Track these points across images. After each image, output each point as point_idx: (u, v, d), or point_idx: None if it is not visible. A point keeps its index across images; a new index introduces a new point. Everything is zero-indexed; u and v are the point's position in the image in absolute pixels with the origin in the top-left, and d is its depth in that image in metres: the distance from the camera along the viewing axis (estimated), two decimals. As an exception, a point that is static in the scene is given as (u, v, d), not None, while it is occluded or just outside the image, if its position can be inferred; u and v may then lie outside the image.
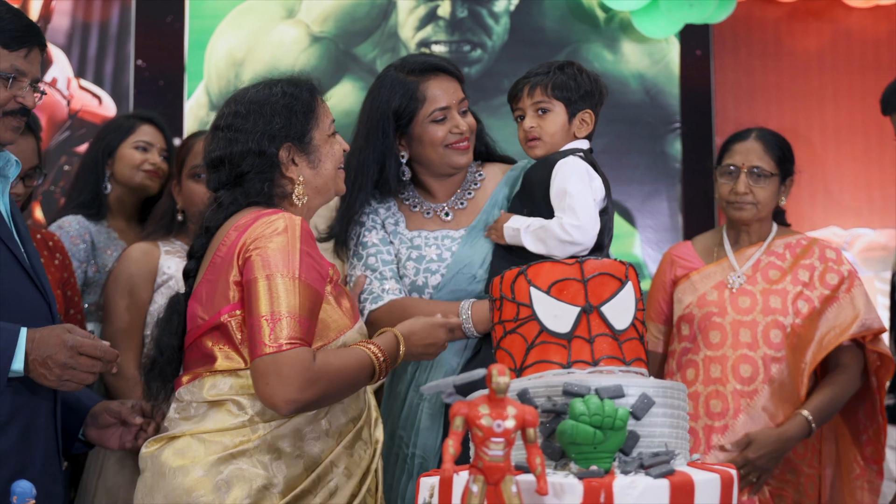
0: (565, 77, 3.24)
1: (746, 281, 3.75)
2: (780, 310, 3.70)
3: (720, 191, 3.81)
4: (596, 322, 2.43)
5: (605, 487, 2.10)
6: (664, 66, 5.65)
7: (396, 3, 5.62)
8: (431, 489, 2.25)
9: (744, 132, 3.88)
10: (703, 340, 3.73)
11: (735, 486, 2.29)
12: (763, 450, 3.59)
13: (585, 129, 3.24)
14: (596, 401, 2.18)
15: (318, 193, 2.99)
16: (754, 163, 3.75)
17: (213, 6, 5.62)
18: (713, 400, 3.67)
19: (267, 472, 2.74)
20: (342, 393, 2.81)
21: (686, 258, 3.88)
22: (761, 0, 5.77)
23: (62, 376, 2.71)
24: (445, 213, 3.44)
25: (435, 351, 3.06)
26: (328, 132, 2.99)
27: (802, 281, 3.74)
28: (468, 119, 3.41)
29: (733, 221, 3.82)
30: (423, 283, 3.34)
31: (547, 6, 5.64)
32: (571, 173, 3.12)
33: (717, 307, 3.73)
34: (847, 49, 5.78)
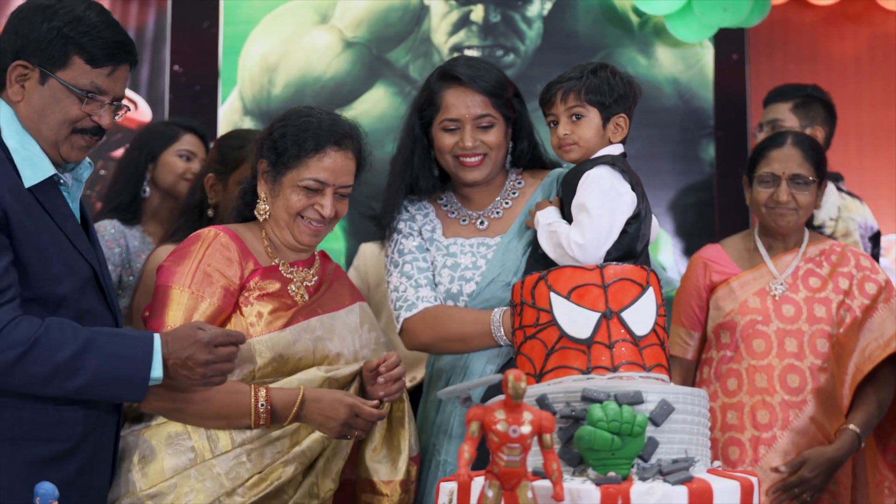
0: (599, 81, 3.14)
1: (788, 289, 3.67)
2: (825, 319, 3.64)
3: (757, 197, 3.71)
4: (616, 328, 2.42)
5: (622, 494, 2.09)
6: (698, 71, 5.62)
7: (430, 8, 5.62)
8: (450, 494, 2.26)
9: (778, 137, 3.80)
10: (747, 349, 3.63)
11: (756, 493, 2.28)
12: (818, 468, 3.51)
13: (620, 133, 3.16)
14: (614, 407, 2.18)
15: (275, 223, 3.13)
16: (794, 170, 3.67)
17: (248, 12, 5.64)
18: (760, 410, 3.58)
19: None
20: (210, 419, 2.97)
21: (721, 263, 3.79)
22: (797, 3, 5.73)
23: (206, 374, 2.70)
24: (481, 222, 3.42)
25: (335, 427, 3.00)
26: (302, 183, 3.06)
27: (843, 289, 3.68)
28: (487, 135, 3.33)
29: (771, 228, 3.73)
30: (458, 290, 3.33)
31: (580, 11, 5.62)
32: (594, 188, 3.03)
33: (761, 315, 3.64)
34: (884, 53, 5.73)
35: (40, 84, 2.68)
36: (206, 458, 2.96)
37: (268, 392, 2.96)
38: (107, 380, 2.63)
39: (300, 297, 3.14)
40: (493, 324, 3.19)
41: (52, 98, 2.69)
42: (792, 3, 5.71)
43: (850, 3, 5.75)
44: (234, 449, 2.98)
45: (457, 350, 3.31)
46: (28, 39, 2.67)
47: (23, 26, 2.67)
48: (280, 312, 3.08)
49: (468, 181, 3.37)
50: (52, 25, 2.66)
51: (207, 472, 2.96)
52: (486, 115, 3.34)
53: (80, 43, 2.67)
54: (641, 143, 5.44)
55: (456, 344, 3.30)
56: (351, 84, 5.57)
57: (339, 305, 3.22)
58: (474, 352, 3.28)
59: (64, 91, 2.68)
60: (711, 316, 3.73)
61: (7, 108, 2.70)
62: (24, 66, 2.68)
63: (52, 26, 2.66)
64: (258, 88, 5.59)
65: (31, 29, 2.66)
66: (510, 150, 3.43)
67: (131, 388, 2.67)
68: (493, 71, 3.42)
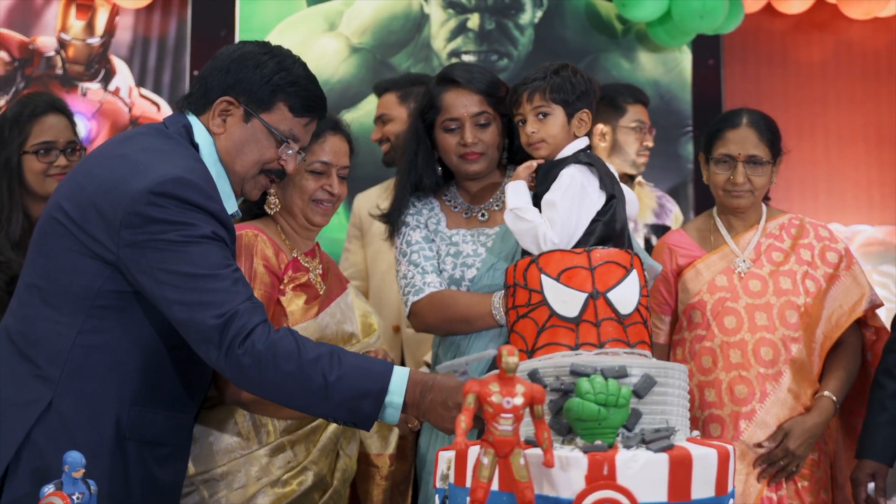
0: (561, 80, 3.09)
1: (753, 265, 3.54)
2: (791, 290, 3.51)
3: (715, 179, 3.56)
4: (602, 307, 2.40)
5: (608, 461, 2.07)
6: (677, 74, 5.60)
7: (429, 17, 5.60)
8: (449, 462, 2.24)
9: (733, 117, 3.60)
10: (718, 326, 3.50)
11: (732, 460, 2.26)
12: (801, 438, 3.40)
13: (584, 127, 3.10)
14: (601, 380, 2.15)
15: (289, 215, 3.10)
16: (750, 151, 3.51)
17: (262, 21, 5.62)
18: (738, 385, 3.45)
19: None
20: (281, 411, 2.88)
21: (685, 247, 3.64)
22: (768, 12, 5.72)
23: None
24: (482, 215, 3.41)
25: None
26: (309, 167, 3.05)
27: (806, 260, 3.56)
28: (484, 133, 3.33)
29: (729, 208, 3.60)
30: (461, 276, 3.32)
31: (568, 19, 5.61)
32: (566, 188, 2.97)
33: (729, 292, 3.51)
34: (848, 59, 5.71)
35: (244, 122, 2.64)
36: (253, 446, 2.94)
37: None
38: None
39: (319, 285, 3.13)
40: (494, 306, 3.18)
41: (252, 137, 2.65)
42: (764, 12, 5.69)
43: (816, 12, 5.73)
44: (278, 439, 2.96)
45: (461, 331, 3.30)
46: (238, 79, 2.63)
47: (235, 66, 2.64)
48: (312, 302, 3.07)
49: (470, 173, 3.36)
50: (265, 72, 2.62)
51: (256, 461, 2.93)
52: (483, 112, 3.33)
53: (287, 92, 2.63)
54: (625, 141, 5.44)
55: (460, 325, 3.29)
56: (357, 87, 5.56)
57: (342, 289, 3.23)
58: (476, 332, 3.28)
59: (265, 132, 2.65)
60: (681, 298, 3.59)
61: (208, 137, 2.66)
62: (231, 102, 2.63)
63: (264, 73, 2.62)
64: (271, 91, 5.56)
65: (243, 70, 2.63)
66: (506, 147, 3.42)
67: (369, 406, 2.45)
68: (487, 73, 3.41)
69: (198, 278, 2.42)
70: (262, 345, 2.40)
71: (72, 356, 2.49)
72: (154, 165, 2.49)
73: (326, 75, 5.56)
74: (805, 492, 3.46)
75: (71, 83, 5.67)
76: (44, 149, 3.43)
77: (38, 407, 2.48)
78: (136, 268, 2.46)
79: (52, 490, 2.22)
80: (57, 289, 2.52)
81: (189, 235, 2.44)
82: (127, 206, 2.44)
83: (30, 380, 2.50)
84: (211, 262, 2.45)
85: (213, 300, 2.42)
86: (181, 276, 2.42)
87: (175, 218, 2.44)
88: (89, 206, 2.50)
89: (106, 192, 2.48)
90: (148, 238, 2.43)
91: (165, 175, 2.45)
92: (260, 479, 2.93)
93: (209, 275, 2.43)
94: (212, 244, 2.47)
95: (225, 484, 2.91)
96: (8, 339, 2.57)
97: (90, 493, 2.24)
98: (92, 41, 5.66)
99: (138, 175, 2.47)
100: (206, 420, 2.94)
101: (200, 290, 2.42)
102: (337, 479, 3.06)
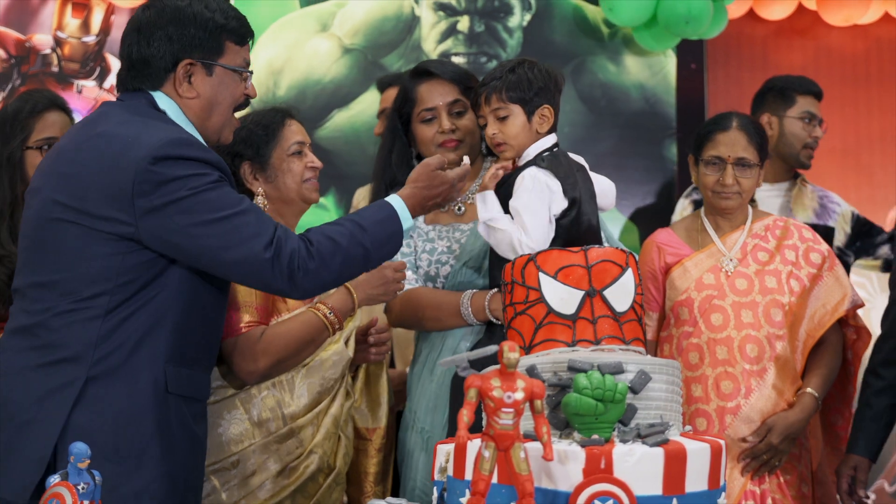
0: (517, 78, 3.03)
1: (739, 264, 3.54)
2: (776, 289, 3.52)
3: (704, 181, 3.56)
4: (598, 305, 2.40)
5: (605, 454, 2.08)
6: (662, 78, 5.61)
7: (420, 19, 5.59)
8: (447, 455, 2.24)
9: (723, 120, 3.62)
10: (705, 323, 3.50)
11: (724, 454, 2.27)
12: (784, 433, 3.42)
13: (546, 123, 3.05)
14: (598, 376, 2.16)
15: (284, 203, 3.16)
16: (740, 154, 3.52)
17: (255, 21, 5.48)
18: (724, 381, 3.45)
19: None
20: (301, 353, 3.01)
21: (673, 245, 3.64)
22: (751, 18, 5.73)
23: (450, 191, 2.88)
24: (458, 208, 3.40)
25: (386, 290, 3.12)
26: (289, 151, 3.14)
27: (790, 261, 3.58)
28: (461, 121, 3.33)
29: (717, 209, 3.60)
30: (436, 273, 3.32)
31: (556, 22, 5.61)
32: (526, 190, 2.95)
33: (716, 290, 3.51)
34: (828, 64, 5.73)
35: (207, 75, 2.65)
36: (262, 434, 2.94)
37: (324, 304, 3.04)
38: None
39: None
40: (462, 305, 3.17)
41: (220, 84, 2.67)
42: (746, 17, 5.71)
43: (797, 18, 5.75)
44: (286, 425, 2.97)
45: (433, 328, 3.30)
46: (184, 40, 2.62)
47: (174, 30, 2.62)
48: None
49: (451, 161, 3.32)
50: (202, 22, 2.63)
51: (265, 449, 2.94)
52: (458, 100, 3.34)
53: (228, 30, 2.66)
54: (611, 143, 5.45)
55: (431, 322, 3.29)
56: (349, 87, 5.54)
57: None
58: (450, 329, 3.26)
59: (229, 74, 2.68)
60: (668, 296, 3.59)
61: (172, 103, 2.66)
62: (191, 63, 2.63)
63: (202, 23, 2.62)
64: (264, 90, 5.54)
65: (184, 29, 2.62)
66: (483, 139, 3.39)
67: (397, 243, 2.73)
68: (457, 66, 3.46)
69: (229, 219, 2.49)
70: (312, 259, 2.54)
71: (101, 335, 2.50)
72: (144, 134, 2.52)
73: (319, 75, 5.54)
74: (787, 485, 3.48)
75: (67, 80, 5.63)
76: (47, 144, 3.41)
77: (75, 388, 2.48)
78: (163, 232, 2.48)
79: (57, 480, 2.21)
80: (74, 279, 2.52)
81: (200, 185, 2.49)
82: (134, 177, 2.46)
83: (60, 365, 2.50)
84: (232, 201, 2.52)
85: (254, 232, 2.50)
86: (213, 222, 2.48)
87: (183, 173, 2.48)
88: (90, 190, 2.51)
89: (105, 171, 2.49)
90: (165, 200, 2.47)
91: (161, 139, 2.49)
92: (270, 468, 2.93)
93: (236, 212, 2.51)
94: (224, 186, 2.53)
95: (236, 473, 2.92)
96: (26, 336, 2.56)
97: (94, 483, 2.24)
98: (87, 39, 5.63)
99: (134, 146, 2.49)
100: (215, 412, 2.94)
101: (236, 227, 2.49)
102: (339, 460, 3.08)
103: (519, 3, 5.59)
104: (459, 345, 3.24)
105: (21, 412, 2.51)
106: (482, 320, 3.17)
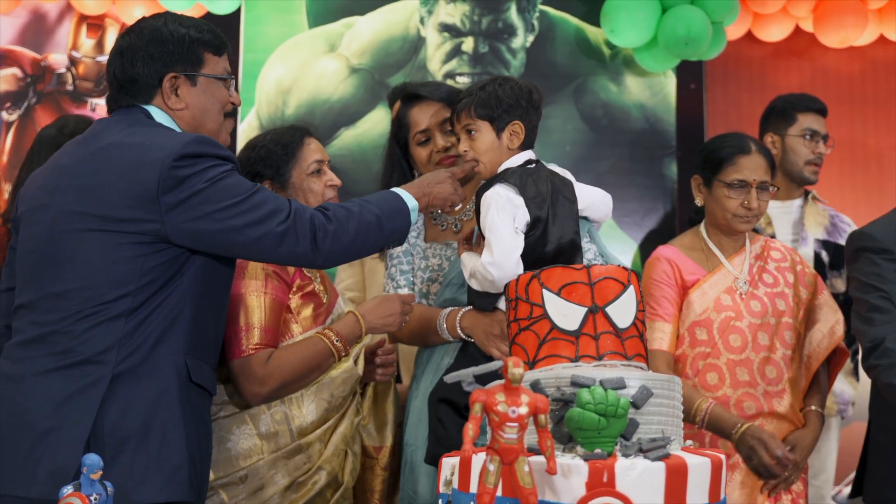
0: (486, 95, 2.97)
1: (750, 286, 3.50)
2: (786, 311, 3.50)
3: (726, 204, 3.49)
4: (601, 321, 2.39)
5: (607, 468, 2.07)
6: (662, 98, 5.62)
7: (426, 40, 5.60)
8: (452, 468, 2.23)
9: (741, 143, 3.55)
10: (724, 344, 3.45)
11: (724, 469, 2.26)
12: (805, 451, 3.43)
13: (517, 139, 2.97)
14: (600, 391, 2.15)
15: None
16: (763, 178, 3.48)
17: (265, 41, 5.62)
18: (746, 402, 3.43)
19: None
20: (306, 378, 3.00)
21: (686, 265, 3.56)
22: (749, 40, 5.74)
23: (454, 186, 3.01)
24: (455, 226, 3.39)
25: (394, 320, 3.11)
26: (309, 170, 3.13)
27: (790, 283, 3.56)
28: (454, 138, 3.26)
29: (732, 232, 3.55)
30: (427, 290, 3.32)
31: (559, 43, 5.62)
32: (487, 208, 2.90)
33: (733, 311, 3.46)
34: (824, 84, 5.74)
35: (192, 86, 2.73)
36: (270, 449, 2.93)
37: (332, 330, 3.04)
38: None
39: (322, 294, 3.14)
40: (438, 322, 3.15)
41: (206, 92, 2.75)
42: (744, 39, 5.72)
43: (795, 40, 5.76)
44: (294, 441, 2.96)
45: (419, 344, 3.30)
46: (165, 57, 2.71)
47: (155, 49, 2.71)
48: (318, 310, 3.10)
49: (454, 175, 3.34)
50: (179, 38, 2.72)
51: (274, 464, 2.93)
52: (448, 119, 3.30)
53: (204, 42, 2.75)
54: (612, 161, 5.46)
55: (416, 338, 3.29)
56: (355, 106, 5.56)
57: (335, 295, 3.24)
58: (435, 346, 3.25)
59: (213, 82, 2.76)
60: (685, 315, 3.53)
61: (166, 116, 2.74)
62: (175, 76, 2.72)
63: (179, 39, 2.72)
64: (273, 109, 5.56)
65: (163, 47, 2.71)
66: None
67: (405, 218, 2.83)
68: (445, 85, 3.45)
69: (247, 199, 2.60)
70: (330, 222, 2.66)
71: (125, 334, 2.54)
72: (159, 140, 2.61)
73: (326, 94, 5.55)
74: (798, 499, 3.49)
75: (81, 99, 5.65)
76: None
77: (102, 386, 2.51)
78: (189, 220, 2.56)
79: (70, 491, 2.21)
80: (96, 285, 2.56)
81: (216, 175, 2.59)
82: (159, 175, 2.55)
83: (84, 367, 2.53)
84: (247, 185, 2.63)
85: (273, 207, 2.62)
86: (235, 205, 2.59)
87: (201, 167, 2.58)
88: (112, 195, 2.57)
89: (125, 176, 2.57)
90: (189, 193, 2.56)
91: (180, 140, 2.59)
92: (278, 482, 2.92)
93: (253, 192, 2.62)
94: (235, 174, 2.64)
95: (244, 487, 2.90)
96: (41, 344, 2.57)
97: (107, 494, 2.24)
98: (102, 59, 5.64)
99: (153, 150, 2.58)
100: (224, 426, 2.93)
101: (256, 205, 2.60)
102: (347, 476, 3.07)
103: (522, 25, 5.61)
104: (442, 361, 3.22)
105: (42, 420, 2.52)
106: (456, 338, 3.14)
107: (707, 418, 3.39)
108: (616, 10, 5.23)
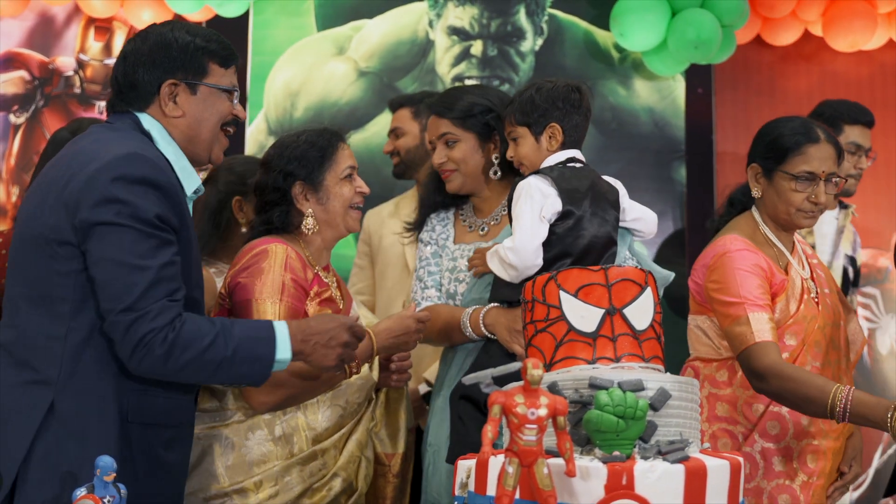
0: (522, 103, 3.13)
1: (816, 286, 3.25)
2: (843, 314, 3.30)
3: (791, 198, 3.14)
4: (618, 323, 2.38)
5: (626, 471, 2.06)
6: (671, 101, 5.61)
7: (434, 43, 5.60)
8: (468, 470, 2.22)
9: (810, 131, 3.17)
10: (810, 351, 3.16)
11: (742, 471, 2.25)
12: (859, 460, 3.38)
13: (556, 141, 3.11)
14: (619, 393, 2.14)
15: (328, 226, 3.13)
16: (832, 169, 3.13)
17: (273, 44, 5.61)
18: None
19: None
20: (315, 391, 2.97)
21: (770, 265, 3.19)
22: (758, 44, 5.72)
23: (342, 354, 2.64)
24: (483, 229, 3.42)
25: (407, 340, 3.09)
26: (342, 175, 3.11)
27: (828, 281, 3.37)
28: (452, 151, 3.38)
29: (795, 227, 3.23)
30: (454, 290, 3.34)
31: (567, 46, 5.61)
32: (518, 196, 3.03)
33: (814, 314, 3.19)
34: (833, 88, 5.71)
35: (192, 95, 2.68)
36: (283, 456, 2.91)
37: None
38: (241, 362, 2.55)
39: (339, 299, 3.13)
40: (462, 321, 3.18)
41: (205, 102, 2.70)
42: (753, 43, 5.70)
43: (804, 44, 5.74)
44: (310, 448, 2.94)
45: (444, 343, 3.32)
46: (167, 63, 2.66)
47: (158, 54, 2.67)
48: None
49: (448, 191, 3.44)
50: (184, 45, 2.67)
51: (289, 471, 2.91)
52: (446, 133, 3.39)
53: (211, 52, 2.70)
54: (621, 164, 5.45)
55: (442, 338, 3.31)
56: (364, 109, 5.55)
57: (349, 300, 3.24)
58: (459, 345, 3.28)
59: (214, 92, 2.71)
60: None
61: (157, 124, 2.68)
62: (174, 83, 2.67)
63: (184, 46, 2.67)
64: (282, 111, 5.55)
65: (166, 53, 2.67)
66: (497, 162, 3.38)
67: (262, 368, 2.57)
68: (465, 97, 3.42)
69: (125, 267, 2.44)
70: (162, 345, 2.43)
71: (66, 355, 2.48)
72: (103, 150, 2.53)
73: (335, 97, 5.54)
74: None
75: (89, 102, 5.64)
76: None
77: (41, 410, 2.46)
78: (84, 246, 2.47)
79: (84, 493, 2.20)
80: (39, 294, 2.51)
81: (127, 220, 2.45)
82: (83, 187, 2.47)
83: (29, 386, 2.49)
84: (143, 252, 2.45)
85: (131, 292, 2.43)
86: (113, 262, 2.44)
87: (122, 196, 2.46)
88: (50, 202, 2.53)
89: (64, 183, 2.52)
90: (97, 220, 2.45)
91: (117, 153, 2.50)
92: (293, 489, 2.90)
93: (137, 266, 2.44)
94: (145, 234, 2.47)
95: (259, 493, 2.88)
96: (5, 351, 2.55)
97: (120, 496, 2.23)
98: (109, 62, 5.64)
99: (94, 159, 2.50)
100: (238, 431, 2.91)
101: (121, 277, 2.43)
102: (361, 482, 3.06)
103: (531, 28, 5.60)
104: (466, 360, 3.24)
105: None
106: (479, 335, 3.17)
107: (849, 406, 2.89)
108: (626, 14, 5.22)
